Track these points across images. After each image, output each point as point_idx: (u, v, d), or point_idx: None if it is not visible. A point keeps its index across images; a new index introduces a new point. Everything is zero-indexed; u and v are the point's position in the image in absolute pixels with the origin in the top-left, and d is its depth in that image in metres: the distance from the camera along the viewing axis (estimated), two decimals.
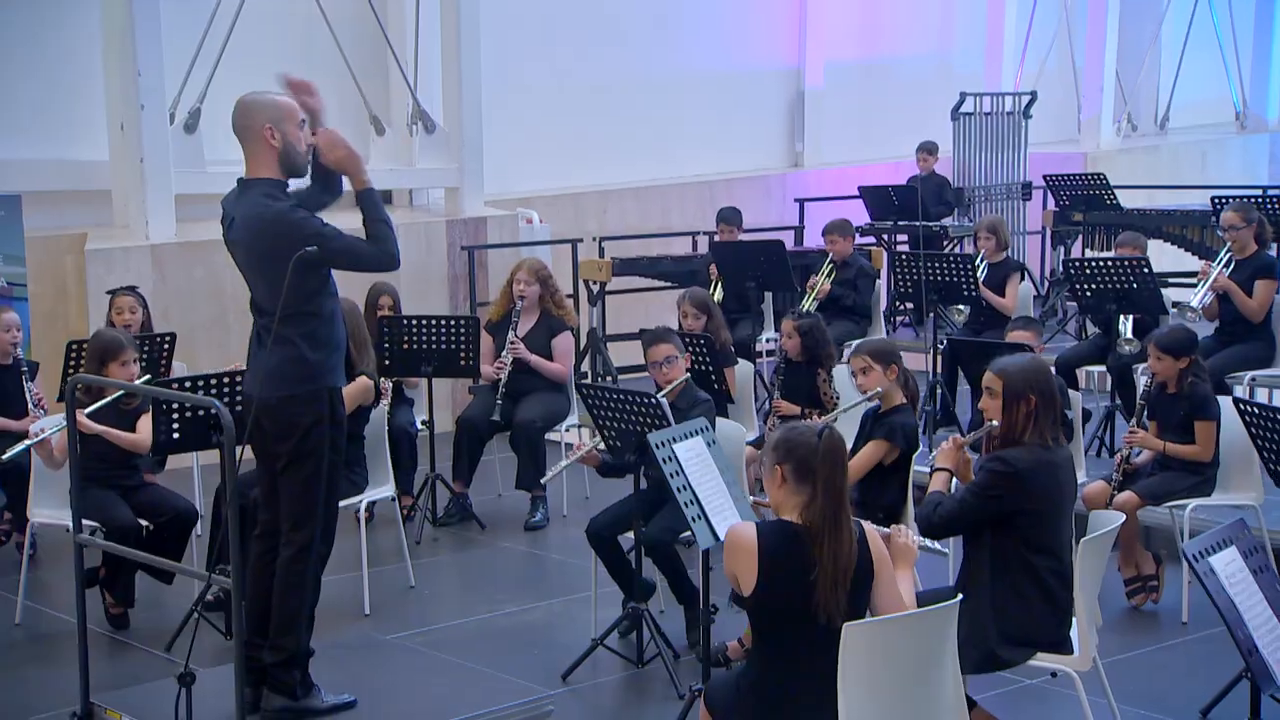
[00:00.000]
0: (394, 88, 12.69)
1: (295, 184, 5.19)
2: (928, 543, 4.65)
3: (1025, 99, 14.07)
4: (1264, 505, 6.93)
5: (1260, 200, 11.19)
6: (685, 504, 4.82)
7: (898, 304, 12.13)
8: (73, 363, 7.81)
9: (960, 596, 4.40)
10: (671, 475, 4.82)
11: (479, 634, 6.83)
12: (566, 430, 8.69)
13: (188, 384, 6.41)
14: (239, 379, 6.13)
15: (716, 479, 4.94)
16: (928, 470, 6.12)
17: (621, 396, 6.16)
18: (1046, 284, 13.48)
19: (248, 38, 11.06)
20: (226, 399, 6.09)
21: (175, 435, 6.44)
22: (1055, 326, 11.95)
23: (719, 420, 6.79)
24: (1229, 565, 3.90)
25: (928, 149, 13.13)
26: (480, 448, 8.59)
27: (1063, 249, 12.91)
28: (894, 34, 16.60)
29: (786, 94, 15.69)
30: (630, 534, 6.44)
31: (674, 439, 4.91)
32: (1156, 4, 18.32)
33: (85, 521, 6.80)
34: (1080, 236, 12.67)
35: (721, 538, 4.82)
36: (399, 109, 12.65)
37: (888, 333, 11.45)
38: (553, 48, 13.61)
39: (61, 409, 7.86)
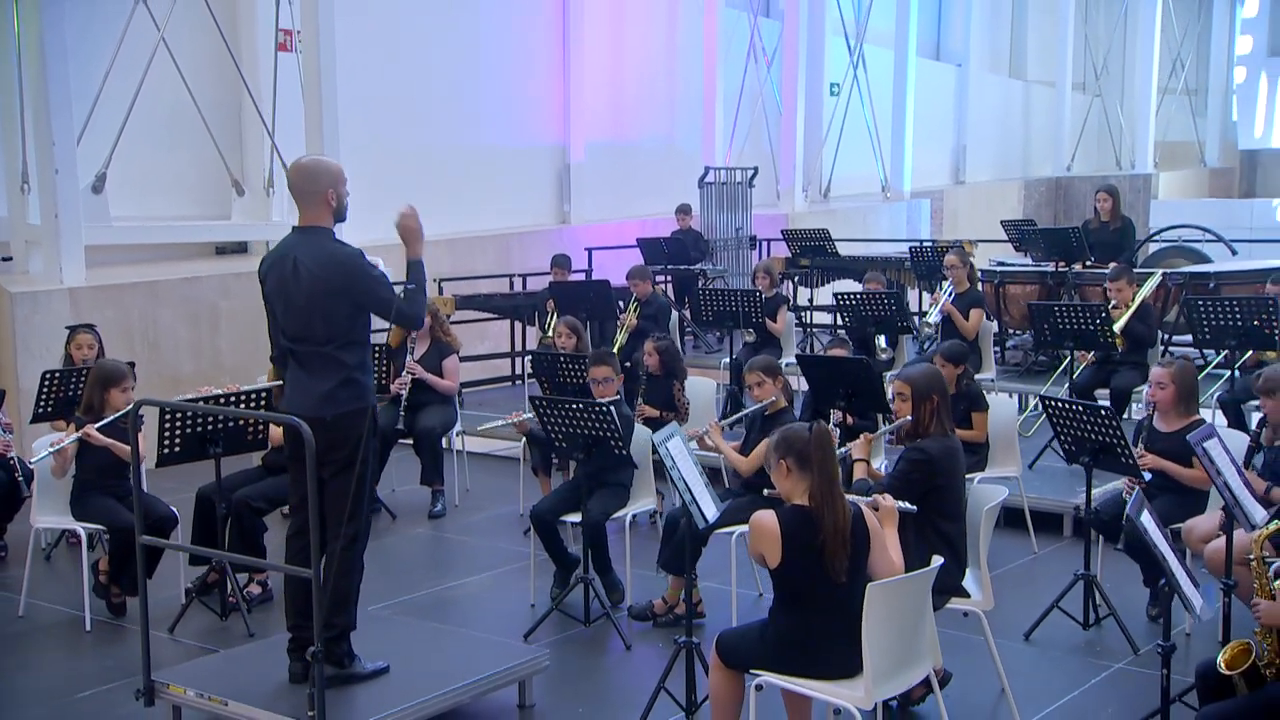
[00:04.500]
0: (249, 157, 12.12)
1: None
2: (902, 505, 4.64)
3: (750, 173, 14.35)
4: (1022, 475, 7.28)
5: (920, 250, 11.78)
6: (681, 491, 4.67)
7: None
8: (45, 389, 7.06)
9: (941, 560, 4.40)
10: (670, 468, 4.67)
11: (434, 605, 6.48)
12: (456, 435, 8.39)
13: (242, 400, 6.04)
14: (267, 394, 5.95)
15: (694, 470, 4.82)
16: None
17: (572, 406, 5.95)
18: None
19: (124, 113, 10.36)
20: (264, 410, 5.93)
21: (177, 449, 5.95)
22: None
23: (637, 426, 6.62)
24: (1148, 523, 4.03)
25: (684, 210, 13.21)
26: (388, 451, 8.20)
27: (789, 286, 13.25)
28: (634, 120, 16.71)
29: (556, 165, 15.60)
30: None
31: (666, 439, 4.76)
32: (820, 102, 19.01)
33: (90, 525, 6.20)
34: (798, 277, 13.02)
35: (710, 519, 4.72)
36: (255, 174, 12.05)
37: None
38: (377, 118, 13.13)
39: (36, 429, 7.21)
